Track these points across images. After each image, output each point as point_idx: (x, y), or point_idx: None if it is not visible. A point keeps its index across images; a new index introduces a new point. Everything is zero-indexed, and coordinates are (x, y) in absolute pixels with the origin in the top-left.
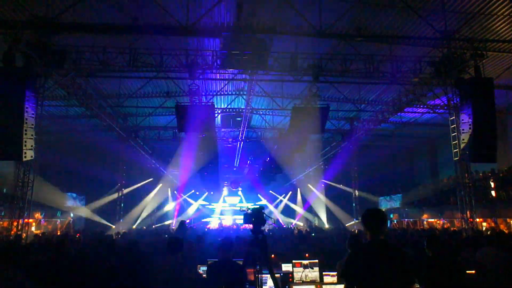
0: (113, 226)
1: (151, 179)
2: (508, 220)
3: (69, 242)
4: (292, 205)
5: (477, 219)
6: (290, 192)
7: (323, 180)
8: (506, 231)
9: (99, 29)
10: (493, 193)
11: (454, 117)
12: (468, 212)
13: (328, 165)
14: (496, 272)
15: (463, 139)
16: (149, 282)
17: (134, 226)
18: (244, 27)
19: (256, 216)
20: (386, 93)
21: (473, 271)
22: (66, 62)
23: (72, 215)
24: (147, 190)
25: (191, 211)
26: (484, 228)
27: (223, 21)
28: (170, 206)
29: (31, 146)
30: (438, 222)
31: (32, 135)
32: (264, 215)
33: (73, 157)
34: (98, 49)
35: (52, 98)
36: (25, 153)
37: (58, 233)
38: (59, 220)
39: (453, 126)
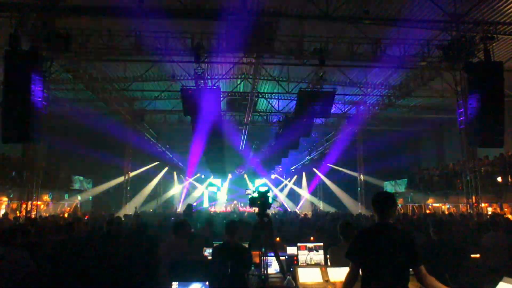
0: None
1: (157, 162)
2: None
3: (78, 224)
4: (297, 189)
5: (482, 204)
6: (296, 176)
7: (328, 165)
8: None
9: (104, 12)
10: (499, 178)
11: (462, 102)
12: (473, 197)
13: (334, 149)
14: (501, 256)
15: (470, 124)
16: (156, 264)
17: (137, 209)
18: (250, 10)
19: (262, 200)
20: (393, 77)
21: (478, 255)
22: (71, 46)
23: (79, 197)
24: (153, 173)
25: (197, 194)
26: (490, 213)
27: (229, 4)
28: (175, 190)
29: (39, 129)
30: (444, 207)
31: (39, 119)
32: (270, 198)
33: (80, 140)
34: (104, 32)
35: (58, 82)
36: (33, 136)
37: (66, 216)
38: (66, 203)
39: (460, 110)
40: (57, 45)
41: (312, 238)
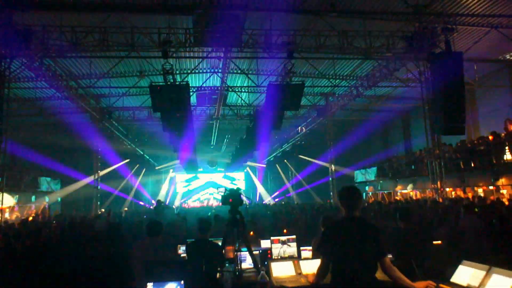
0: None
1: (127, 160)
2: (475, 188)
3: (46, 228)
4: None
5: (447, 189)
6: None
7: (299, 156)
8: (471, 198)
9: (66, 6)
10: (461, 163)
11: (425, 91)
12: (439, 183)
13: (304, 141)
14: (475, 237)
15: (434, 112)
16: (129, 265)
17: (102, 210)
18: (217, 4)
19: (234, 197)
20: (360, 68)
21: (440, 242)
22: (32, 42)
23: (47, 199)
24: (124, 171)
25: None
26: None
27: None
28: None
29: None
30: (411, 193)
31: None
32: (241, 195)
33: (46, 140)
34: (66, 28)
35: (20, 80)
36: None
37: (30, 219)
38: (33, 205)
39: (424, 99)
40: (17, 42)
41: (285, 231)
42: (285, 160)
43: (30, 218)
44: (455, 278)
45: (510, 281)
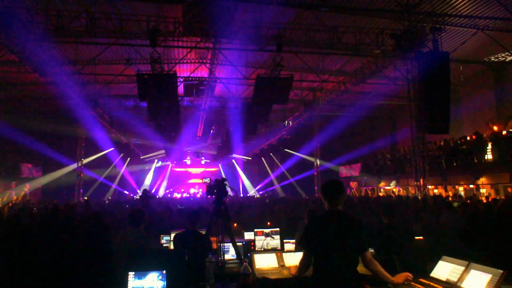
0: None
1: (111, 148)
2: (456, 186)
3: (23, 216)
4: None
5: (429, 186)
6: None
7: (285, 150)
8: (451, 196)
9: None
10: (443, 162)
11: (412, 89)
12: (421, 180)
13: (291, 134)
14: (453, 234)
15: (419, 111)
16: (111, 255)
17: (86, 197)
18: None
19: (218, 188)
20: (348, 64)
21: (421, 237)
22: (16, 26)
23: (28, 186)
24: (108, 160)
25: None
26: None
27: None
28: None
29: None
30: (395, 189)
31: None
32: (226, 186)
33: (28, 126)
34: (51, 12)
35: (3, 64)
36: None
37: (10, 205)
38: (14, 192)
39: (410, 98)
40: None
41: (269, 223)
42: (271, 154)
43: (10, 205)
44: (435, 273)
45: (488, 276)
